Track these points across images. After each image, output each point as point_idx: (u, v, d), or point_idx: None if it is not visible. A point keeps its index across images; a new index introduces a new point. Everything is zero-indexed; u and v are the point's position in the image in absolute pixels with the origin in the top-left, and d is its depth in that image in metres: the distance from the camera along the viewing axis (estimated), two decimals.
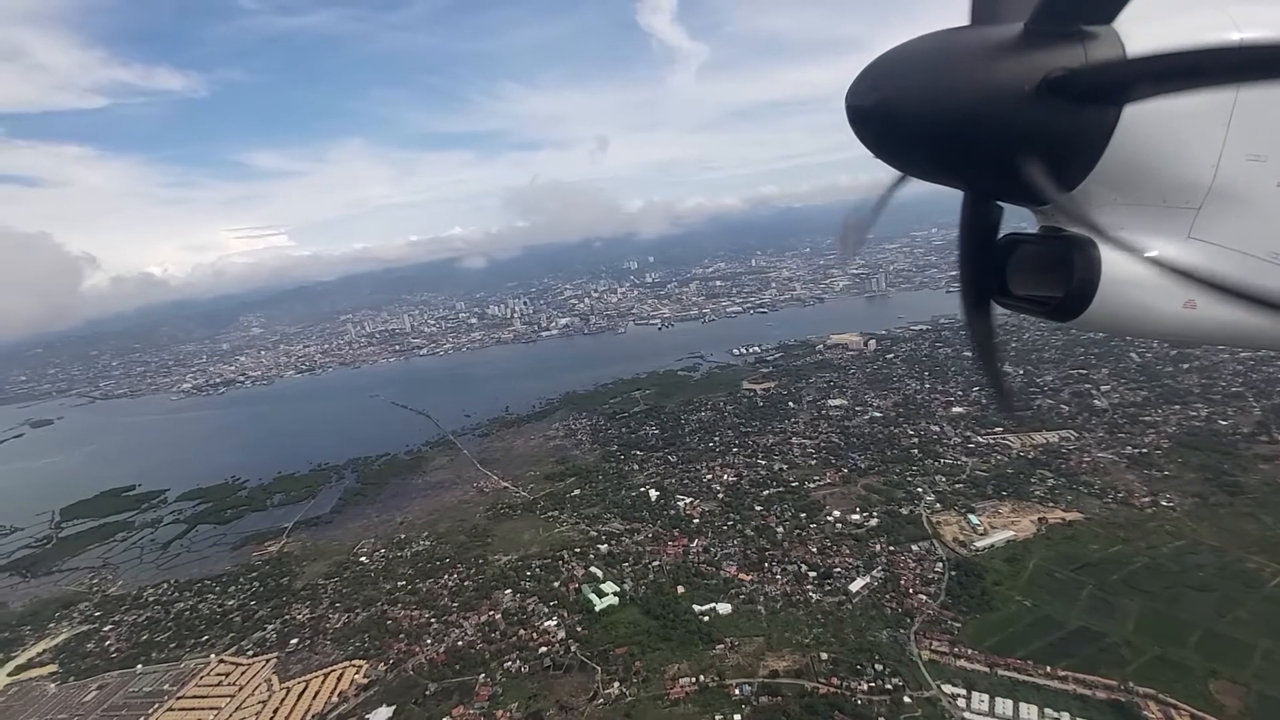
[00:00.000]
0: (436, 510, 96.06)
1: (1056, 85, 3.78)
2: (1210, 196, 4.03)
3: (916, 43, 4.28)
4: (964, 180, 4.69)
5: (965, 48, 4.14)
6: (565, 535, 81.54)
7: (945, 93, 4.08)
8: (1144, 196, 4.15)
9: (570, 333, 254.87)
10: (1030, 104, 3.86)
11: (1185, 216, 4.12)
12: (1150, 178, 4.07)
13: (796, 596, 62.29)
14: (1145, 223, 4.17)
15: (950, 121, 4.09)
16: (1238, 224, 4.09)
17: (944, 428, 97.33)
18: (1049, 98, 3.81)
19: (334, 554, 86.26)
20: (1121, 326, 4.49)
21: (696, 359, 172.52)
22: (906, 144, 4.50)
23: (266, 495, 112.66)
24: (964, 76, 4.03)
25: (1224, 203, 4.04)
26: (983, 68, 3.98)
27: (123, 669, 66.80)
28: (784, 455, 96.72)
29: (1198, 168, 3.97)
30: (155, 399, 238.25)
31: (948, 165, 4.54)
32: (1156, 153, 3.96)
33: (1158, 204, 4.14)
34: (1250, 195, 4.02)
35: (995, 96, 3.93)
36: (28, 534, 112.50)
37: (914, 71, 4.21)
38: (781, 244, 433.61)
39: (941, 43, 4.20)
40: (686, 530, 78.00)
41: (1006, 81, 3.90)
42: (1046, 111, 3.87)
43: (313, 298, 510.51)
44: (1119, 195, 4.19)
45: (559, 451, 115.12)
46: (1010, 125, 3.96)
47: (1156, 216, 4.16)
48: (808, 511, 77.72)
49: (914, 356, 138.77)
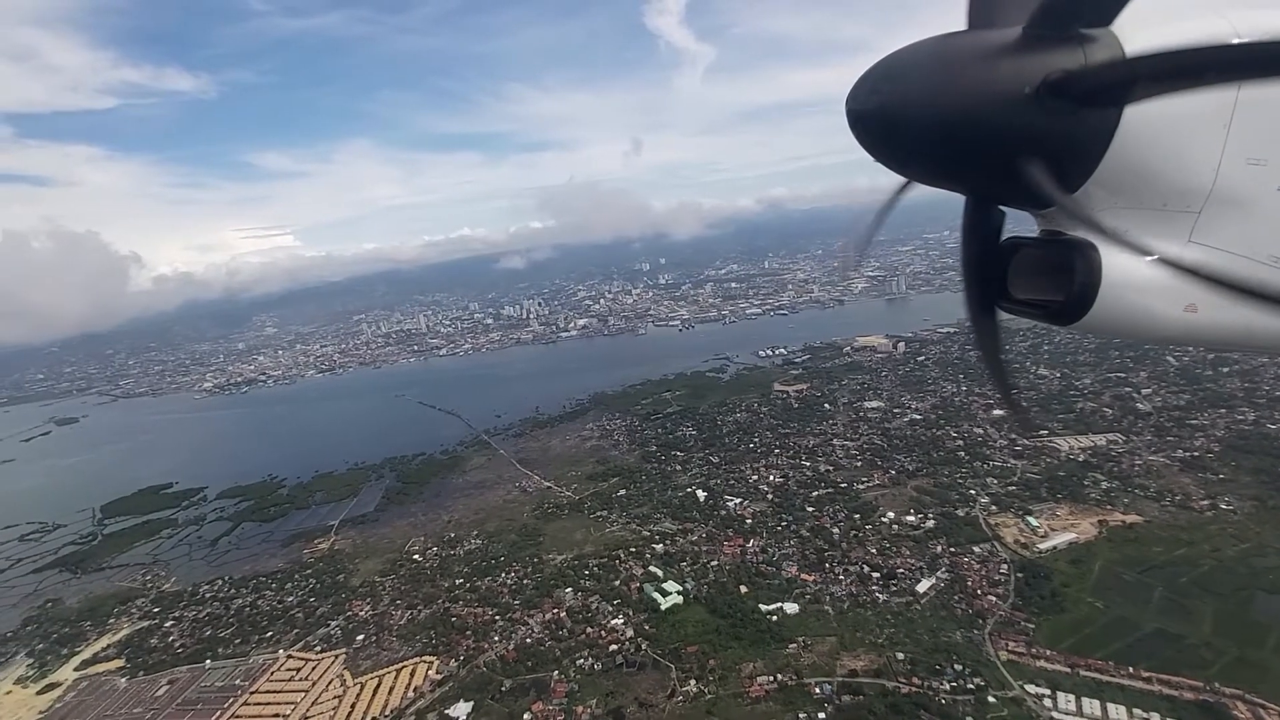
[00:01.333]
0: (482, 510, 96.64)
1: (1056, 87, 3.80)
2: (1210, 200, 4.01)
3: (915, 47, 4.29)
4: (965, 184, 4.70)
5: (964, 51, 4.16)
6: (618, 535, 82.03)
7: (945, 95, 4.09)
8: (1144, 200, 4.13)
9: (589, 334, 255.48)
10: (1030, 106, 3.88)
11: (1185, 220, 4.10)
12: (1150, 181, 4.06)
13: (863, 597, 62.70)
14: (1145, 226, 4.15)
15: (950, 124, 4.10)
16: (1238, 228, 4.06)
17: (987, 430, 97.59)
18: (1049, 99, 3.83)
19: (385, 552, 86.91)
20: (1122, 330, 4.44)
21: (722, 360, 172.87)
22: (907, 148, 4.49)
23: (308, 494, 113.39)
24: (964, 79, 4.05)
25: (1224, 206, 4.02)
26: (982, 70, 4.00)
27: (191, 664, 67.44)
28: (827, 457, 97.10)
29: (1198, 171, 3.96)
30: (178, 397, 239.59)
31: (948, 169, 4.55)
32: (1157, 156, 3.97)
33: (1158, 208, 4.12)
34: (1250, 199, 3.99)
35: (995, 99, 3.95)
36: (70, 531, 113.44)
37: (914, 75, 4.22)
38: (794, 246, 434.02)
39: (941, 46, 4.22)
40: (740, 530, 78.43)
41: (1006, 84, 3.92)
42: (1047, 113, 3.88)
43: (325, 298, 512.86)
44: (1119, 199, 4.18)
45: (597, 452, 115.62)
46: (1010, 127, 3.97)
47: (1156, 220, 4.14)
48: (861, 513, 78.05)
49: (945, 359, 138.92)
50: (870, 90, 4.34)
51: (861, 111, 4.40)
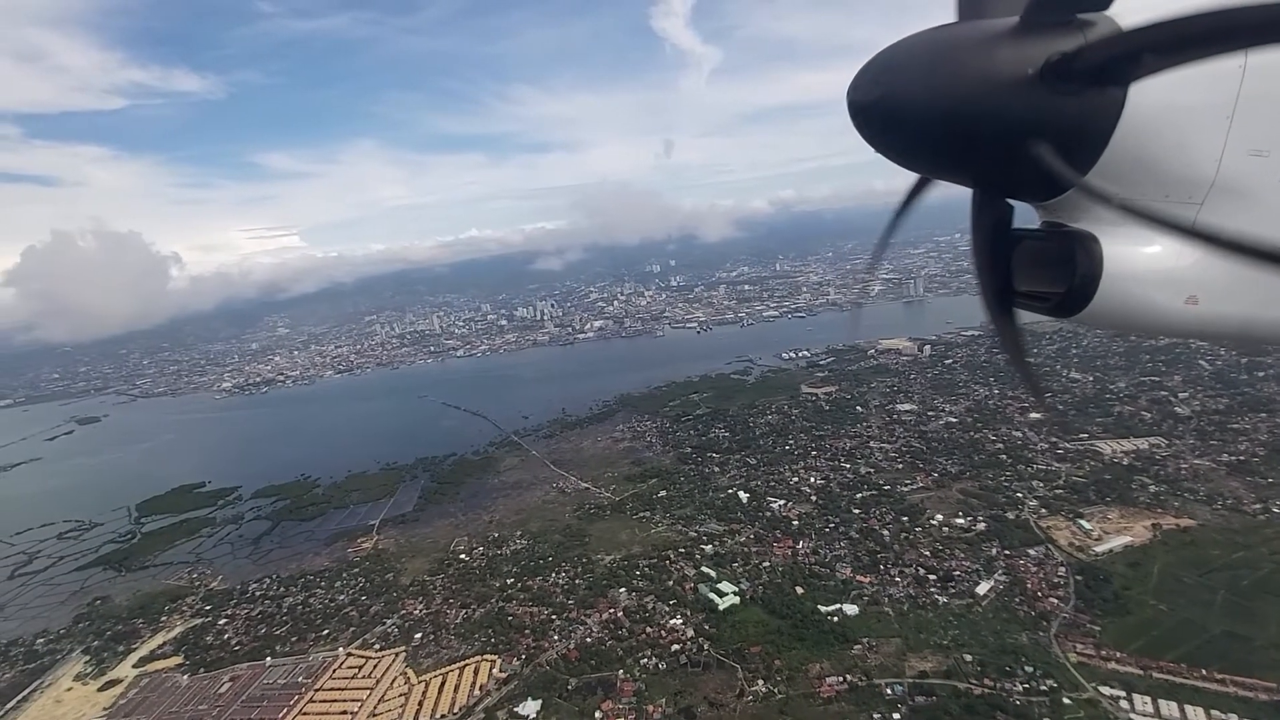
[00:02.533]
0: (522, 510, 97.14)
1: (1059, 68, 3.79)
2: (1212, 192, 4.01)
3: (915, 38, 4.27)
4: (969, 174, 4.63)
5: (965, 39, 4.15)
6: (664, 536, 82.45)
7: (948, 84, 4.06)
8: (1146, 191, 4.11)
9: (606, 335, 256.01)
10: (1034, 90, 3.86)
11: (1188, 212, 4.08)
12: (1153, 172, 4.06)
13: (922, 599, 63.04)
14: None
15: (954, 112, 4.07)
16: (1240, 220, 3.98)
17: (1026, 433, 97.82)
18: (1052, 82, 3.83)
19: (431, 551, 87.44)
20: (1124, 322, 4.43)
21: (745, 362, 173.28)
22: (910, 139, 4.44)
23: (344, 493, 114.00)
24: (966, 66, 4.03)
25: (1226, 198, 4.01)
26: (984, 57, 3.99)
27: (251, 661, 68.02)
28: (866, 459, 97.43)
29: (1200, 163, 3.96)
30: (197, 397, 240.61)
31: (952, 159, 4.50)
32: (1160, 147, 3.97)
33: (1160, 199, 4.10)
34: (1252, 191, 3.99)
35: (998, 84, 3.93)
36: (108, 529, 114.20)
37: (915, 65, 4.20)
38: (804, 248, 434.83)
39: (941, 36, 4.22)
40: (788, 532, 78.81)
41: (1008, 69, 3.90)
42: (1050, 97, 3.87)
43: (335, 299, 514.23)
44: (1121, 190, 4.13)
45: (631, 453, 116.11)
46: (1014, 113, 3.95)
47: (1159, 212, 4.08)
48: (909, 515, 78.35)
49: (973, 362, 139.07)
50: (871, 82, 4.33)
51: (863, 104, 4.39)
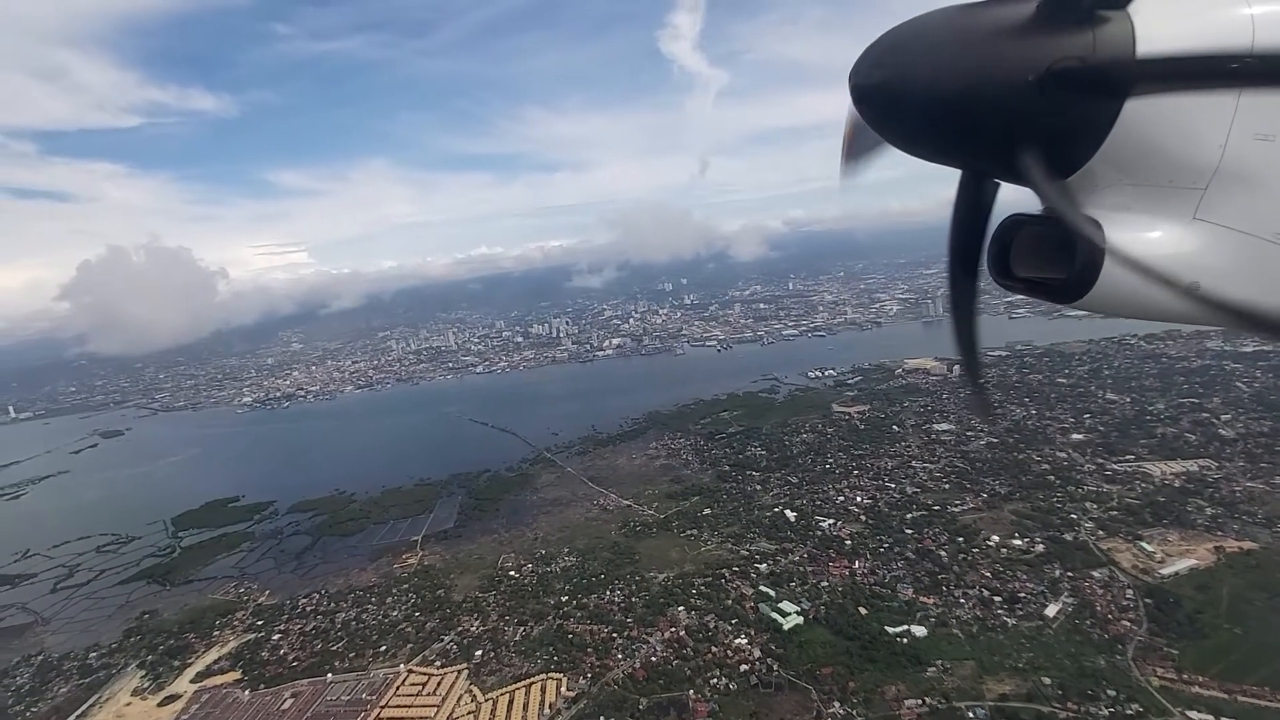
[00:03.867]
0: (566, 527, 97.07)
1: (1060, 77, 3.81)
2: (1217, 177, 3.97)
3: (924, 20, 4.25)
4: (965, 163, 4.71)
5: (973, 29, 4.10)
6: (715, 554, 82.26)
7: (948, 75, 4.06)
8: (1150, 177, 4.11)
9: (625, 353, 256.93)
10: (1033, 92, 3.89)
11: (1191, 197, 4.06)
12: (1156, 158, 4.04)
13: (990, 620, 62.66)
14: (1151, 203, 4.14)
15: (951, 105, 4.07)
16: (1244, 204, 4.00)
17: (1070, 454, 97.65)
18: (1052, 88, 3.85)
19: (478, 568, 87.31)
20: (1125, 308, 4.37)
21: (771, 381, 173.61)
22: (907, 124, 4.49)
23: (381, 509, 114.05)
24: (968, 59, 4.02)
25: (1230, 183, 3.97)
26: (988, 51, 3.98)
27: (311, 677, 67.76)
28: (910, 479, 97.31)
29: (1204, 148, 3.92)
30: (218, 412, 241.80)
31: (948, 148, 4.55)
32: (1163, 133, 3.94)
33: (1164, 184, 4.09)
34: (1257, 175, 3.95)
35: (998, 82, 3.94)
36: (146, 543, 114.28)
37: (919, 51, 4.18)
38: (815, 268, 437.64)
39: (950, 21, 4.18)
40: (842, 551, 78.59)
41: (1010, 68, 3.91)
42: (1049, 100, 3.89)
43: (348, 314, 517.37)
44: (1124, 176, 4.16)
45: (668, 471, 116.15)
46: (1012, 112, 3.97)
47: (1162, 197, 4.12)
48: (964, 536, 78.09)
49: (1005, 382, 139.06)
50: (874, 64, 4.34)
51: (863, 86, 4.42)
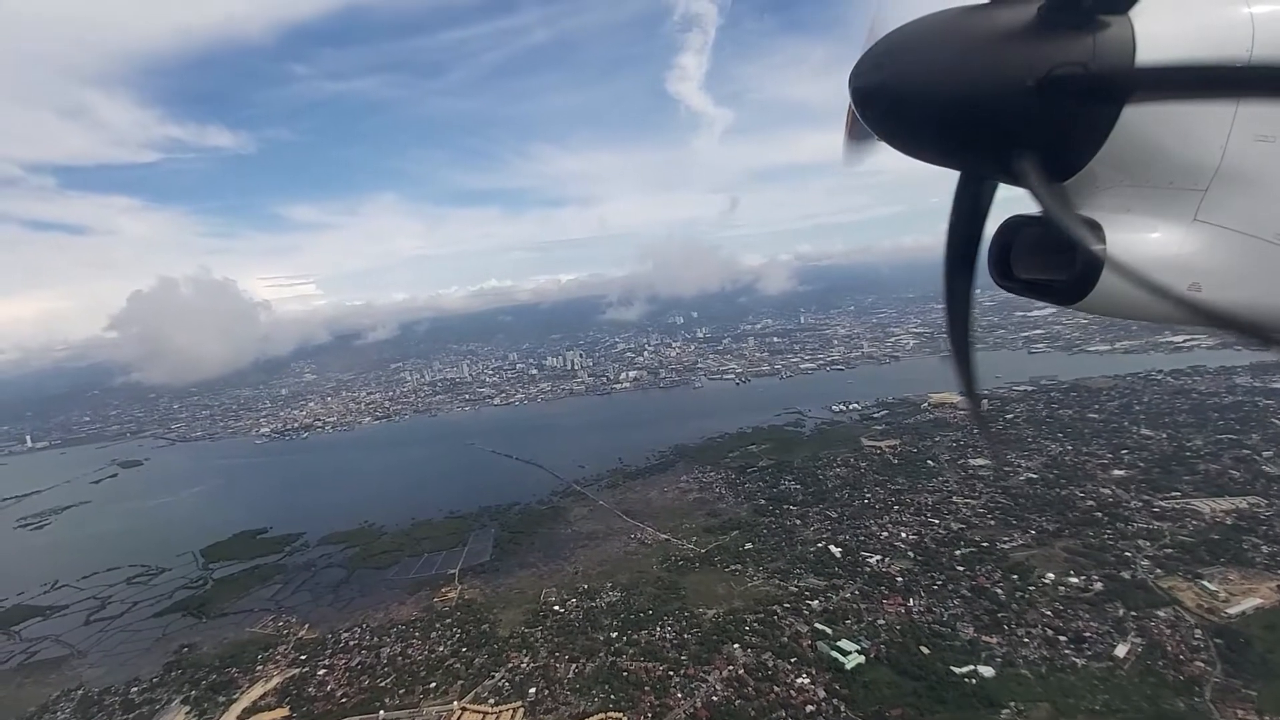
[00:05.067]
0: (606, 561, 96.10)
1: (1059, 83, 3.83)
2: (1217, 178, 3.97)
3: (926, 22, 4.25)
4: (964, 165, 4.73)
5: (973, 31, 4.11)
6: (762, 590, 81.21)
7: (947, 78, 4.06)
8: (1150, 178, 4.11)
9: (643, 386, 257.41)
10: (1032, 96, 3.90)
11: (1192, 199, 4.05)
12: (1157, 159, 4.04)
13: (1058, 661, 61.45)
14: (1151, 205, 4.13)
15: (950, 107, 4.09)
16: (1245, 206, 4.01)
17: (1114, 491, 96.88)
18: (1051, 94, 3.87)
19: (520, 602, 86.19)
20: (1126, 310, 4.37)
21: (795, 415, 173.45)
22: (905, 127, 4.48)
23: (414, 542, 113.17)
24: (967, 62, 4.03)
25: (1231, 184, 3.97)
26: (988, 55, 3.98)
27: (362, 714, 66.40)
28: (954, 514, 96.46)
29: (1205, 149, 3.93)
30: (236, 442, 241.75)
31: (946, 150, 4.58)
32: (1163, 135, 3.95)
33: (1164, 186, 4.09)
34: (1258, 177, 3.96)
35: (997, 87, 3.95)
36: (176, 575, 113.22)
37: (918, 53, 4.19)
38: (825, 302, 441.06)
39: (950, 24, 4.19)
40: (894, 588, 77.56)
41: (1010, 71, 3.91)
42: (1049, 104, 3.91)
43: (362, 346, 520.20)
44: (1125, 177, 4.16)
45: (702, 504, 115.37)
46: (1010, 115, 3.98)
47: (1162, 199, 4.12)
48: (1018, 573, 77.09)
49: (1035, 417, 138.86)
50: (873, 65, 4.37)
51: (862, 88, 4.45)
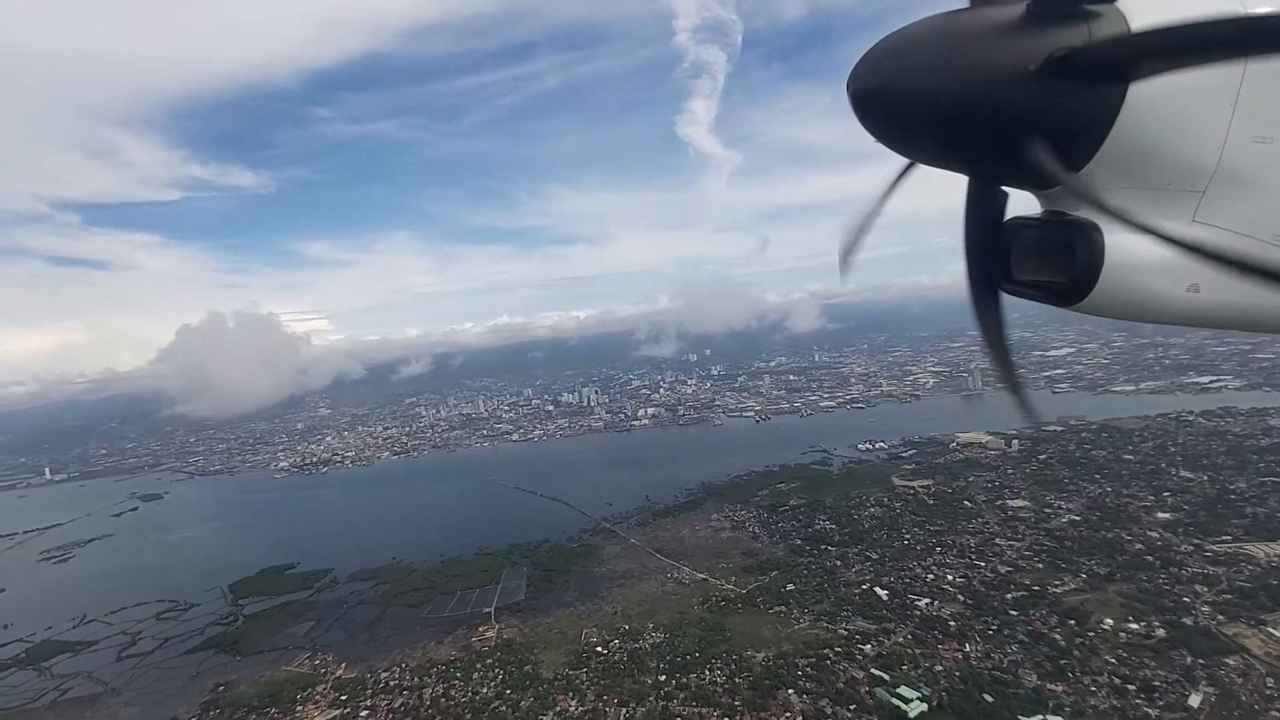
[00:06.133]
0: (644, 601, 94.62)
1: (1060, 64, 3.79)
2: (1215, 179, 3.97)
3: (918, 25, 4.23)
4: (967, 164, 4.65)
5: (967, 28, 4.12)
6: (810, 633, 79.59)
7: (947, 73, 4.05)
8: (1148, 180, 4.10)
9: (662, 423, 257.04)
10: (1034, 84, 3.87)
11: (1190, 200, 4.05)
12: (1155, 160, 4.03)
13: (1130, 711, 59.65)
14: (1149, 206, 4.10)
15: (952, 103, 4.06)
16: (1243, 207, 4.01)
17: (1163, 534, 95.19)
18: (1053, 77, 3.83)
19: (561, 642, 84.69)
20: (1125, 311, 4.38)
21: (820, 453, 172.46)
22: (908, 127, 4.43)
23: (445, 579, 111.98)
24: (966, 57, 4.02)
25: (1229, 185, 3.97)
26: (985, 47, 3.98)
27: None
28: (999, 556, 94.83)
29: (1203, 150, 3.93)
30: (255, 477, 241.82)
31: (950, 149, 4.53)
32: (1162, 135, 3.94)
33: (1162, 187, 4.08)
34: (1256, 178, 3.96)
35: (998, 76, 3.93)
36: (205, 610, 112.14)
37: (915, 53, 4.18)
38: (838, 340, 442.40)
39: (943, 24, 4.18)
40: (948, 633, 75.87)
41: (1009, 61, 3.89)
42: (1050, 91, 3.87)
43: (375, 381, 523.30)
44: (1123, 178, 4.15)
45: (736, 543, 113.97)
46: (1014, 106, 3.95)
47: (1161, 200, 4.11)
48: (1075, 619, 75.39)
49: (1069, 458, 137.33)
50: (870, 68, 4.33)
51: (862, 90, 4.39)
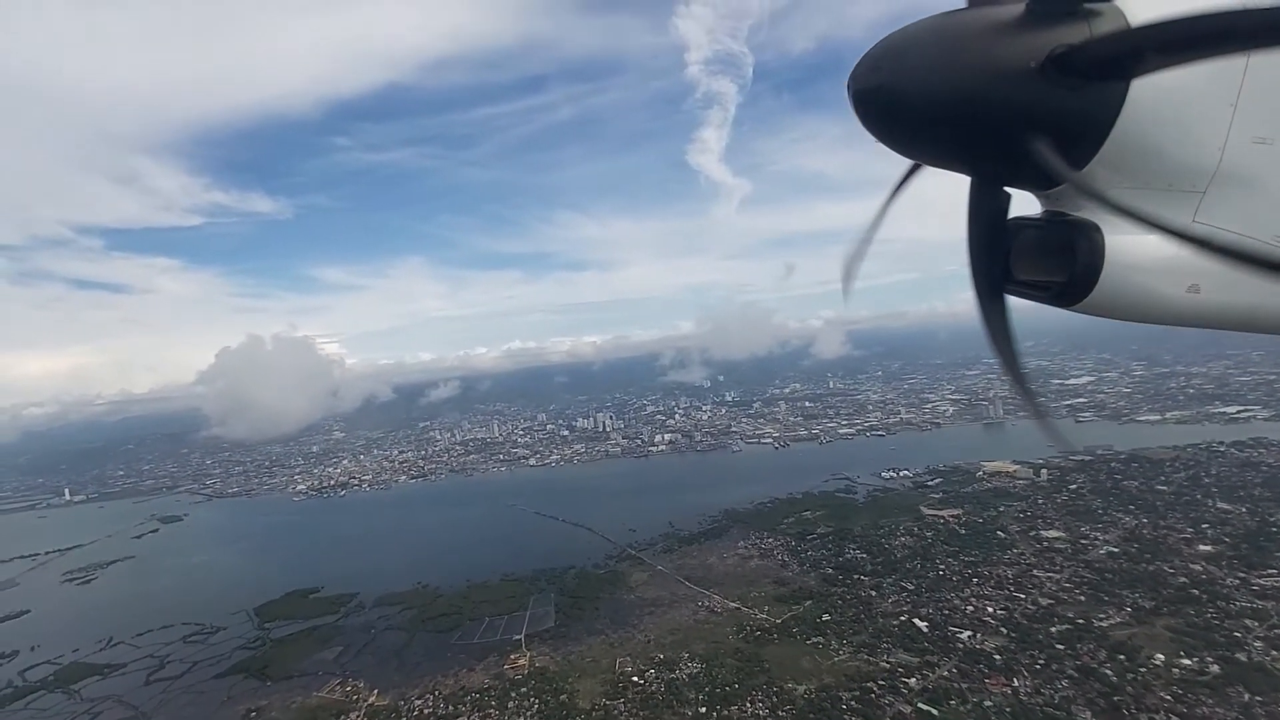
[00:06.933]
0: (677, 630, 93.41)
1: (1061, 61, 3.78)
2: (1215, 180, 3.97)
3: (918, 25, 4.22)
4: (969, 164, 4.62)
5: (967, 27, 4.11)
6: (851, 665, 78.18)
7: (948, 72, 4.03)
8: (1149, 180, 4.09)
9: (679, 449, 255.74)
10: (1035, 81, 3.86)
11: (1190, 200, 4.05)
12: (1155, 161, 4.03)
13: None
14: (1150, 207, 4.05)
15: (954, 102, 4.03)
16: (1243, 207, 4.00)
17: (1205, 566, 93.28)
18: (1054, 75, 3.81)
19: (594, 671, 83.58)
20: (1125, 311, 4.37)
21: (844, 481, 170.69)
22: (909, 127, 4.40)
23: (472, 605, 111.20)
24: (966, 55, 4.00)
25: (1229, 186, 3.97)
26: (986, 46, 3.96)
27: None
28: (1038, 588, 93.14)
29: (1203, 151, 3.93)
30: (273, 499, 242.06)
31: (951, 148, 4.51)
32: (1162, 135, 3.94)
33: (1162, 188, 4.07)
34: (1256, 178, 3.96)
35: (999, 75, 3.91)
36: (232, 634, 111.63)
37: (915, 52, 4.17)
38: (853, 366, 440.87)
39: (943, 24, 4.17)
40: (994, 667, 74.31)
41: (1010, 59, 3.87)
42: (1051, 89, 3.86)
43: (387, 405, 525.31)
44: (1123, 179, 4.14)
45: (766, 572, 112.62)
46: (1015, 104, 3.93)
47: (1161, 200, 4.09)
48: (1125, 654, 73.72)
49: (1100, 488, 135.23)
50: (871, 68, 4.33)
51: (862, 90, 4.39)
